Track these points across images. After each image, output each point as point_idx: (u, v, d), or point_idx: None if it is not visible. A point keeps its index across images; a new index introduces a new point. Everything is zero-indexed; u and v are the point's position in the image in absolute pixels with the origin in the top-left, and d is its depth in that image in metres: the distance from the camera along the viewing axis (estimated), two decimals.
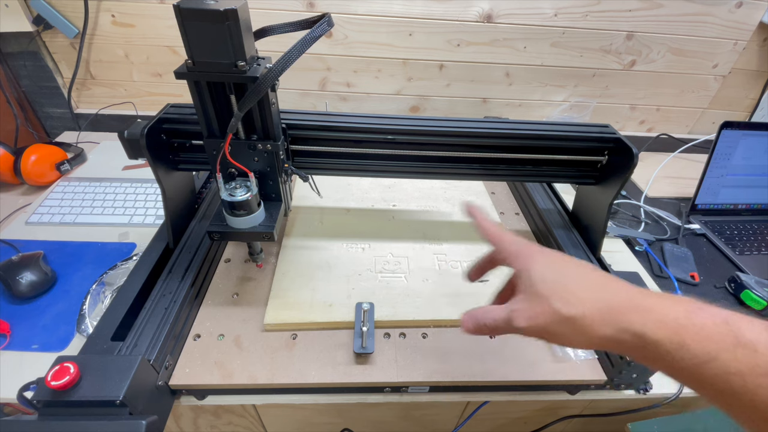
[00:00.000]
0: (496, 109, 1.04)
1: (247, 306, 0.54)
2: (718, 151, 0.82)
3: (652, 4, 0.88)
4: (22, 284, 0.56)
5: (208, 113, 0.45)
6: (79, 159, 0.85)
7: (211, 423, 0.57)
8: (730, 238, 0.81)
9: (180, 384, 0.46)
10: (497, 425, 0.62)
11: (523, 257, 0.34)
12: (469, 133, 0.56)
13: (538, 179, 0.72)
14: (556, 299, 0.30)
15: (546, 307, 0.30)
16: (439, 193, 0.77)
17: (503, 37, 0.91)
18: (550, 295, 0.30)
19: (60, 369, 0.36)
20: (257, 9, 0.84)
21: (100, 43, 0.88)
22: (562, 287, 0.30)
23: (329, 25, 0.40)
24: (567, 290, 0.30)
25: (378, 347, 0.50)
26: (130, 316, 0.46)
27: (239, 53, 0.39)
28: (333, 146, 0.56)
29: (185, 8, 0.36)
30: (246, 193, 0.46)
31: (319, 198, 0.65)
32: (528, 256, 0.33)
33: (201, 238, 0.58)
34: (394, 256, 0.62)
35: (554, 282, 0.31)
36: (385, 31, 0.89)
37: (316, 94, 0.99)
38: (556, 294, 0.30)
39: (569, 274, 0.31)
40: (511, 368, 0.49)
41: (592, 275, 0.31)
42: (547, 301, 0.30)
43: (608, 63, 0.97)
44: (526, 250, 0.34)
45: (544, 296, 0.30)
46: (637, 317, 0.27)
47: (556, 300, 0.29)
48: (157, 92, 0.96)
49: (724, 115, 1.11)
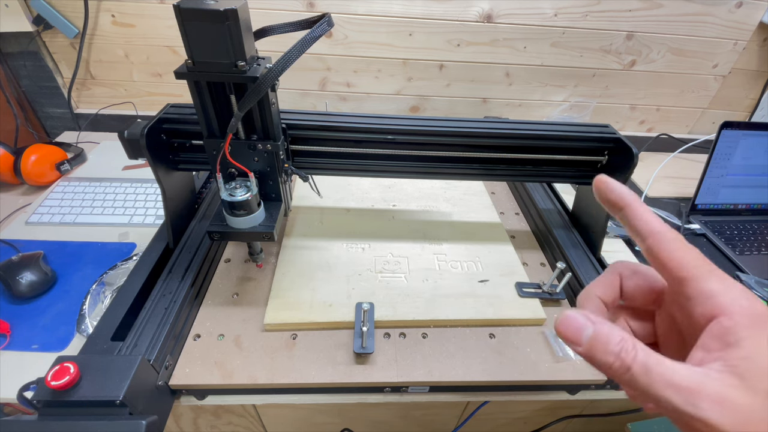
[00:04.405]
0: (496, 109, 1.04)
1: (247, 306, 0.54)
2: (718, 151, 0.82)
3: (652, 4, 0.88)
4: (22, 284, 0.56)
5: (208, 113, 0.45)
6: (79, 159, 0.85)
7: (211, 423, 0.57)
8: (730, 238, 0.81)
9: (180, 384, 0.46)
10: (497, 425, 0.62)
11: (751, 319, 0.19)
12: (469, 133, 0.56)
13: (538, 179, 0.72)
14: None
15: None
16: (439, 193, 0.77)
17: (503, 37, 0.91)
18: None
19: (60, 369, 0.36)
20: (257, 9, 0.84)
21: (100, 43, 0.88)
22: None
23: (329, 25, 0.40)
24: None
25: (378, 347, 0.50)
26: (130, 316, 0.46)
27: (239, 53, 0.39)
28: (333, 146, 0.56)
29: (185, 8, 0.36)
30: (246, 193, 0.46)
31: (319, 198, 0.65)
32: (754, 314, 0.19)
33: (201, 238, 0.58)
34: (394, 256, 0.62)
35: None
36: (385, 31, 0.89)
37: (316, 94, 0.99)
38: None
39: None
40: (511, 368, 0.49)
41: None
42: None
43: (608, 63, 0.97)
44: (753, 306, 0.19)
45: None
46: None
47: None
48: (157, 92, 0.96)
49: (724, 115, 1.11)
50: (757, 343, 0.18)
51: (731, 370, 0.18)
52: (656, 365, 0.18)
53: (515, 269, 0.61)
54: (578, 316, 0.20)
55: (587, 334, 0.20)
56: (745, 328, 0.18)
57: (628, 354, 0.19)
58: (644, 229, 0.22)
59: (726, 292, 0.20)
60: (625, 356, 0.19)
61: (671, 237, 0.21)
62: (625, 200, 0.23)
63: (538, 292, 0.57)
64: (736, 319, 0.19)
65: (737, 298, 0.19)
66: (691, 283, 0.20)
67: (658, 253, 0.21)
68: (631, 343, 0.19)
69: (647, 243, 0.22)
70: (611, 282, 0.25)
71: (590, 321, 0.20)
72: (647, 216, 0.22)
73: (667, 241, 0.21)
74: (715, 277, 0.20)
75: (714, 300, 0.19)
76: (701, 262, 0.21)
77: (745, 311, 0.19)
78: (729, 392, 0.17)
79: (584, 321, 0.20)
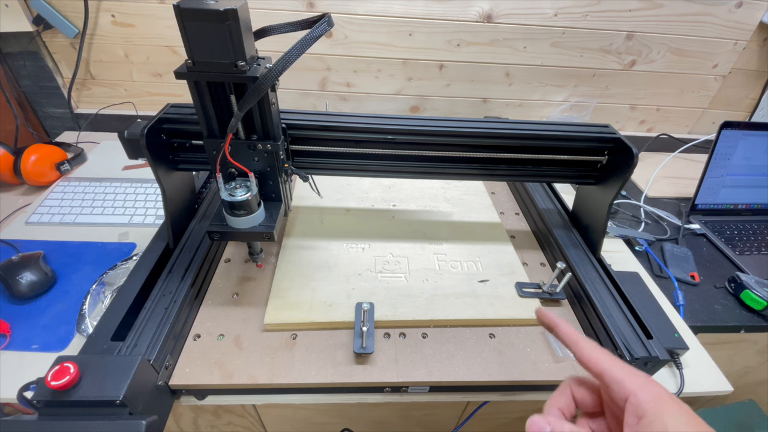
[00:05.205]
0: (496, 109, 1.04)
1: (247, 306, 0.54)
2: (718, 151, 0.82)
3: (652, 4, 0.88)
4: (22, 284, 0.57)
5: (208, 113, 0.45)
6: (79, 159, 0.85)
7: (211, 423, 0.57)
8: (730, 238, 0.81)
9: (180, 384, 0.46)
10: (497, 425, 0.63)
11: (652, 395, 0.26)
12: (469, 133, 0.56)
13: (538, 179, 0.72)
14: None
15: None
16: (439, 193, 0.77)
17: (503, 37, 0.91)
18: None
19: (60, 369, 0.35)
20: (257, 9, 0.84)
21: (100, 43, 0.88)
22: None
23: (329, 25, 0.40)
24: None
25: (378, 347, 0.50)
26: (130, 316, 0.46)
27: (239, 53, 0.39)
28: (333, 146, 0.56)
29: (185, 8, 0.36)
30: (246, 193, 0.46)
31: (319, 198, 0.65)
32: (659, 397, 0.26)
33: (201, 238, 0.58)
34: (394, 256, 0.62)
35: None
36: (385, 31, 0.89)
37: (316, 94, 0.99)
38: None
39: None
40: (511, 368, 0.49)
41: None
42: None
43: (608, 63, 0.97)
44: (652, 387, 0.26)
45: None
46: None
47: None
48: (157, 92, 0.97)
49: (724, 115, 1.11)
50: (656, 411, 0.25)
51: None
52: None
53: (515, 269, 0.61)
54: (540, 420, 0.28)
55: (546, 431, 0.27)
56: (647, 403, 0.25)
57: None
58: (568, 341, 0.31)
59: (630, 377, 0.27)
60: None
61: (585, 344, 0.30)
62: (554, 322, 0.33)
63: (538, 292, 0.57)
64: (640, 397, 0.26)
65: (639, 382, 0.27)
66: (606, 375, 0.28)
67: (580, 357, 0.30)
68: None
69: (573, 351, 0.30)
70: (565, 394, 0.31)
71: (548, 423, 0.27)
72: (568, 331, 0.32)
73: (583, 347, 0.30)
74: (621, 368, 0.28)
75: (623, 384, 0.27)
76: (609, 358, 0.29)
77: (646, 389, 0.26)
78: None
79: (544, 423, 0.27)
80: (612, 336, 0.49)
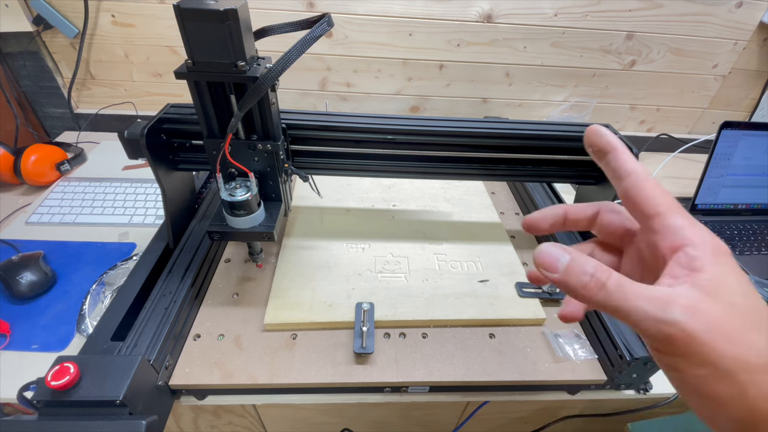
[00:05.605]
0: (496, 109, 1.04)
1: (247, 306, 0.54)
2: (718, 151, 0.82)
3: (652, 4, 0.88)
4: (22, 284, 0.57)
5: (208, 113, 0.45)
6: (79, 159, 0.85)
7: (211, 423, 0.57)
8: (730, 238, 0.81)
9: (180, 384, 0.46)
10: (497, 425, 0.62)
11: (719, 252, 0.21)
12: (469, 133, 0.56)
13: (538, 179, 0.72)
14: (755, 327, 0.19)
15: (741, 326, 0.19)
16: (439, 193, 0.77)
17: (503, 37, 0.91)
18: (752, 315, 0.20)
19: (60, 369, 0.36)
20: (257, 9, 0.84)
21: (100, 43, 0.88)
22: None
23: (329, 25, 0.40)
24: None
25: (378, 347, 0.50)
26: (130, 316, 0.46)
27: (239, 53, 0.39)
28: (333, 146, 0.56)
29: (185, 8, 0.36)
30: (246, 193, 0.46)
31: (319, 198, 0.65)
32: (725, 257, 0.21)
33: (201, 238, 0.58)
34: (394, 256, 0.62)
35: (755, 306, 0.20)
36: (385, 31, 0.89)
37: (316, 94, 0.99)
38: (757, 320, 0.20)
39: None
40: (511, 368, 0.49)
41: None
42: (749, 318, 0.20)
43: (608, 63, 0.97)
44: (718, 243, 0.22)
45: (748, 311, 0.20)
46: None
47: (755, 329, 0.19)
48: (157, 92, 0.96)
49: (724, 115, 1.11)
50: (719, 269, 0.20)
51: (699, 289, 0.20)
52: (630, 283, 0.21)
53: (515, 269, 0.61)
54: (555, 248, 0.22)
55: (563, 261, 0.22)
56: (709, 257, 0.21)
57: (602, 274, 0.21)
58: (623, 169, 0.24)
59: (691, 227, 0.22)
60: (600, 275, 0.21)
61: (646, 177, 0.23)
62: (612, 144, 0.25)
63: (538, 292, 0.57)
64: (701, 249, 0.21)
65: (701, 233, 0.22)
66: (660, 218, 0.22)
67: (634, 190, 0.23)
68: (605, 267, 0.21)
69: (625, 182, 0.24)
70: (586, 210, 0.28)
71: (566, 251, 0.22)
72: (628, 158, 0.24)
73: (643, 180, 0.23)
74: (682, 215, 0.22)
75: (681, 233, 0.22)
76: (671, 201, 0.23)
77: (708, 243, 0.21)
78: (698, 303, 0.19)
79: (560, 251, 0.22)
80: (612, 336, 0.49)
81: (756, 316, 0.20)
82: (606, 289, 0.21)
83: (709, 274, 0.20)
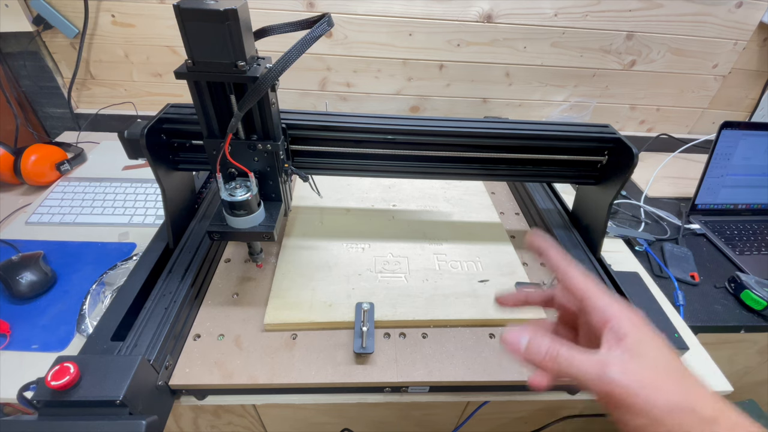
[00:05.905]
0: (496, 109, 1.04)
1: (247, 306, 0.54)
2: (718, 151, 0.82)
3: (652, 4, 0.88)
4: (22, 284, 0.57)
5: (208, 113, 0.45)
6: (79, 159, 0.85)
7: (211, 423, 0.57)
8: (730, 238, 0.81)
9: (180, 384, 0.46)
10: (497, 425, 0.62)
11: (634, 320, 0.28)
12: (469, 133, 0.56)
13: (538, 179, 0.72)
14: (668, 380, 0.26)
15: (656, 377, 0.25)
16: (439, 193, 0.77)
17: (503, 37, 0.91)
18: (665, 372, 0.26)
19: (60, 369, 0.36)
20: (257, 9, 0.84)
21: (100, 43, 0.88)
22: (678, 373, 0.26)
23: (329, 25, 0.40)
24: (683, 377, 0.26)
25: (378, 347, 0.50)
26: (130, 316, 0.46)
27: (239, 53, 0.39)
28: (333, 146, 0.56)
29: (185, 8, 0.36)
30: (246, 193, 0.46)
31: (319, 198, 0.65)
32: (640, 323, 0.28)
33: (201, 238, 0.58)
34: (394, 256, 0.62)
35: (667, 365, 0.26)
36: (385, 31, 0.89)
37: (316, 94, 0.99)
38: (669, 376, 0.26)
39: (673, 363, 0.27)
40: (511, 368, 0.49)
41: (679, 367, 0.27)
42: (662, 374, 0.26)
43: (608, 63, 0.97)
44: (633, 314, 0.29)
45: (661, 369, 0.26)
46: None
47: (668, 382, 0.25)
48: (157, 92, 0.97)
49: (724, 115, 1.11)
50: (639, 333, 0.27)
51: (626, 351, 0.26)
52: (576, 353, 0.28)
53: (515, 269, 0.61)
54: (518, 332, 0.30)
55: (523, 343, 0.29)
56: (629, 326, 0.27)
57: (554, 350, 0.28)
58: (555, 266, 0.32)
59: (612, 305, 0.29)
60: (551, 351, 0.28)
61: (574, 269, 0.31)
62: (544, 247, 0.33)
63: None
64: (624, 321, 0.28)
65: (620, 308, 0.29)
66: (588, 300, 0.29)
67: (565, 280, 0.31)
68: (557, 344, 0.28)
69: (558, 274, 0.32)
70: (543, 294, 0.36)
71: (527, 334, 0.30)
72: (557, 257, 0.32)
73: (571, 272, 0.31)
74: (604, 296, 0.29)
75: (607, 311, 0.28)
76: (594, 285, 0.30)
77: (627, 315, 0.28)
78: (627, 363, 0.26)
79: (522, 335, 0.30)
80: None
81: (672, 365, 0.26)
82: (557, 361, 0.28)
83: (632, 338, 0.27)
